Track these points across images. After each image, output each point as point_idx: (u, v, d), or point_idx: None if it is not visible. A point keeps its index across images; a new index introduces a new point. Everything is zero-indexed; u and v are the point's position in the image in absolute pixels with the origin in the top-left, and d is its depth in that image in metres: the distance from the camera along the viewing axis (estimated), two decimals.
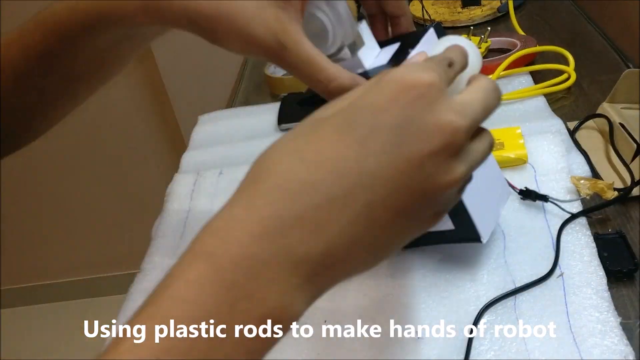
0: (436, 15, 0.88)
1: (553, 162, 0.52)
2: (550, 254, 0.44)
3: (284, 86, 0.79)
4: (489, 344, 0.39)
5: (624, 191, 0.47)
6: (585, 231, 0.45)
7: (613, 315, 0.39)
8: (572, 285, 0.42)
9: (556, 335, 0.38)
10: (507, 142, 0.54)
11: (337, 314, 0.43)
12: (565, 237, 0.45)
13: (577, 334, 0.38)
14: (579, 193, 0.48)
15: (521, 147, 0.53)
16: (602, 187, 0.46)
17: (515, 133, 0.55)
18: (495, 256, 0.45)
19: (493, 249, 0.46)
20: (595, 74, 0.67)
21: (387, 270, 0.46)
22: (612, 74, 0.63)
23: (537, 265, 0.44)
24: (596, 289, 0.41)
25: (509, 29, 0.80)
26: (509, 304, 0.41)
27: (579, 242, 0.45)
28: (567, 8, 0.85)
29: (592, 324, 0.39)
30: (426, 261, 0.46)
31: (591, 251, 0.44)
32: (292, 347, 0.42)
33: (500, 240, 0.47)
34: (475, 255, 0.46)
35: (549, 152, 0.53)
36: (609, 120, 0.55)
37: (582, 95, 0.65)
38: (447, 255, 0.46)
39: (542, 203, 0.48)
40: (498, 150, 0.54)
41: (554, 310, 0.40)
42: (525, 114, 0.62)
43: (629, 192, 0.47)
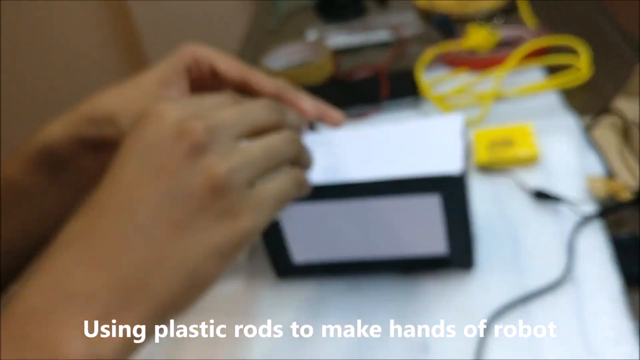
0: (444, 7, 0.86)
1: (566, 161, 0.51)
2: (563, 258, 0.42)
3: None
4: (499, 349, 0.38)
5: (639, 193, 0.45)
6: (599, 234, 0.44)
7: (628, 321, 0.37)
8: (585, 290, 0.40)
9: (568, 341, 0.37)
10: (518, 140, 0.52)
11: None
12: (578, 240, 0.44)
13: (590, 340, 0.37)
14: (593, 194, 0.46)
15: (533, 145, 0.51)
16: (618, 188, 0.44)
17: (527, 130, 0.53)
18: (506, 259, 0.44)
19: (504, 252, 0.44)
20: (609, 68, 0.65)
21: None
22: (626, 68, 0.61)
23: (550, 268, 0.42)
24: (610, 293, 0.39)
25: (519, 21, 0.78)
26: (520, 310, 0.40)
27: (593, 245, 0.43)
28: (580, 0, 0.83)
29: (605, 330, 0.37)
30: None
31: (606, 255, 0.42)
32: (292, 348, 0.41)
33: (511, 243, 0.45)
34: (485, 259, 0.44)
35: (562, 150, 0.52)
36: (623, 117, 0.53)
37: (596, 90, 0.63)
38: None
39: (554, 204, 0.47)
40: (509, 148, 0.52)
41: (567, 316, 0.39)
42: (537, 110, 0.60)
43: None
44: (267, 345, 0.42)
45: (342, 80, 0.72)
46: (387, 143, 0.41)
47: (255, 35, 0.99)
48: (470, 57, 0.70)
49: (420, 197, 0.38)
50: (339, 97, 0.69)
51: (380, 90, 0.67)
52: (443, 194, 0.38)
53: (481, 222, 0.47)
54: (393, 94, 0.67)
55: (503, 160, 0.52)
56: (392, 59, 0.78)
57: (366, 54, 0.83)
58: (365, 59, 0.81)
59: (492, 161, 0.52)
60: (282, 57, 0.83)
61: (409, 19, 0.87)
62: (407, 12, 0.89)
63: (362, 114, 0.67)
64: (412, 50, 0.79)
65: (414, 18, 0.87)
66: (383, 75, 0.68)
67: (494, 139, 0.53)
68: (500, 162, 0.52)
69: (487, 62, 0.68)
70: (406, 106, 0.66)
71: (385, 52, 0.81)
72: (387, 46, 0.83)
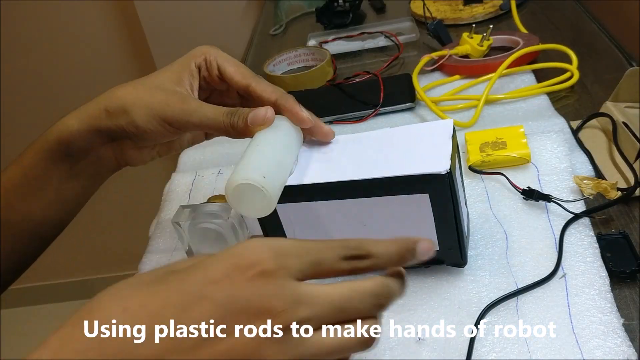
0: (438, 13, 0.88)
1: (556, 161, 0.52)
2: (553, 255, 0.44)
3: (283, 84, 0.78)
4: (490, 345, 0.39)
5: (627, 191, 0.46)
6: (588, 231, 0.45)
7: (616, 317, 0.38)
8: (574, 286, 0.41)
9: (558, 336, 0.38)
10: (509, 141, 0.53)
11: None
12: (568, 238, 0.45)
13: (580, 335, 0.38)
14: (582, 193, 0.47)
15: (524, 146, 0.53)
16: (606, 187, 0.46)
17: (518, 132, 0.54)
18: (497, 257, 0.45)
19: (495, 250, 0.45)
20: (598, 72, 0.67)
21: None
22: (615, 72, 0.62)
23: (540, 265, 0.43)
24: (599, 289, 0.40)
25: (511, 27, 0.80)
26: (511, 305, 0.41)
27: (581, 242, 0.44)
28: (570, 6, 0.84)
29: (594, 325, 0.38)
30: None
31: (594, 252, 0.43)
32: None
33: (502, 241, 0.46)
34: (477, 255, 0.45)
35: (552, 151, 0.53)
36: (612, 119, 0.54)
37: (585, 94, 0.64)
38: None
39: (545, 203, 0.48)
40: (501, 150, 0.53)
41: (556, 311, 0.40)
42: (528, 113, 0.62)
43: (632, 192, 0.46)
44: None
45: (341, 85, 0.74)
46: (380, 146, 0.43)
47: (258, 40, 1.01)
48: (463, 62, 0.72)
49: (411, 195, 0.40)
50: (338, 101, 0.71)
51: (377, 95, 0.68)
52: (432, 193, 0.39)
53: (473, 220, 0.48)
54: (390, 98, 0.68)
55: (496, 161, 0.53)
56: (388, 64, 0.80)
57: (364, 59, 0.84)
58: (362, 64, 0.83)
59: (485, 162, 0.53)
60: (284, 62, 0.85)
61: (405, 26, 0.89)
62: (403, 18, 0.90)
63: (360, 117, 0.68)
64: (408, 56, 0.81)
65: (410, 24, 0.89)
66: (380, 79, 0.70)
67: (486, 141, 0.54)
68: (493, 163, 0.53)
69: (480, 67, 0.70)
70: (402, 110, 0.68)
71: (382, 57, 0.83)
72: (384, 51, 0.85)
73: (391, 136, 0.43)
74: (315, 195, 0.41)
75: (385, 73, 0.77)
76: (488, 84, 0.64)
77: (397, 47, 0.83)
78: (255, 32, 1.05)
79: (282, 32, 1.01)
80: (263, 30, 1.04)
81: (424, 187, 0.39)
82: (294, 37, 0.97)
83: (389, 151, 0.42)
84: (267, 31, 1.02)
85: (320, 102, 0.71)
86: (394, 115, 0.67)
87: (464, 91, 0.69)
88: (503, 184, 0.51)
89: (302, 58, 0.85)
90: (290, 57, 0.85)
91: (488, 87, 0.64)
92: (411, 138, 0.42)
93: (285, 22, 1.03)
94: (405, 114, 0.67)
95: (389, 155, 0.41)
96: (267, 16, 1.10)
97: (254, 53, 0.96)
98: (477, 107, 0.62)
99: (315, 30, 0.95)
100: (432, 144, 0.41)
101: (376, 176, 0.40)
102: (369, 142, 0.43)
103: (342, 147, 0.44)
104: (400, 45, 0.83)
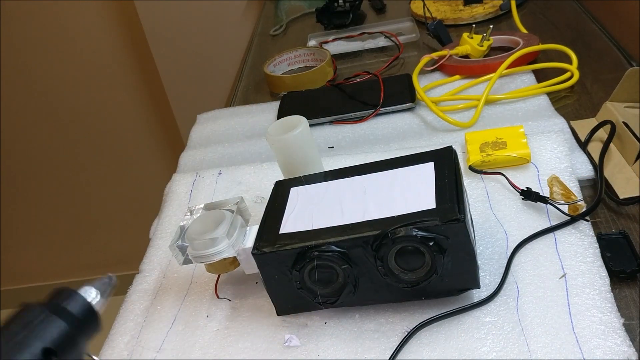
0: (438, 13, 0.88)
1: (556, 161, 0.52)
2: (553, 254, 0.44)
3: (283, 85, 0.78)
4: (491, 344, 0.39)
5: (589, 210, 0.46)
6: (588, 231, 0.45)
7: (616, 316, 0.38)
8: (574, 286, 0.41)
9: (558, 336, 0.38)
10: (510, 141, 0.53)
11: (338, 313, 0.43)
12: (568, 238, 0.45)
13: (580, 335, 0.38)
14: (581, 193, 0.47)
15: (524, 146, 0.53)
16: (574, 205, 0.46)
17: (518, 132, 0.54)
18: (497, 257, 0.45)
19: (495, 250, 0.45)
20: (598, 72, 0.67)
21: None
22: (615, 72, 0.62)
23: (540, 265, 0.43)
24: (599, 289, 0.40)
25: (511, 27, 0.80)
26: (511, 305, 0.41)
27: (582, 242, 0.44)
28: (569, 6, 0.84)
29: (595, 325, 0.38)
30: None
31: (594, 252, 0.43)
32: (292, 348, 0.42)
33: (502, 241, 0.46)
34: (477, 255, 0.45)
35: (552, 151, 0.53)
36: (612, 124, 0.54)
37: (585, 94, 0.64)
38: None
39: (544, 204, 0.48)
40: (501, 150, 0.53)
41: (557, 311, 0.40)
42: (528, 113, 0.62)
43: (592, 209, 0.46)
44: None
45: (341, 85, 0.74)
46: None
47: (258, 40, 1.01)
48: (463, 63, 0.72)
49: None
50: (338, 101, 0.71)
51: (378, 95, 0.68)
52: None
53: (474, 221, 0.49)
54: (390, 98, 0.68)
55: (496, 161, 0.53)
56: (388, 64, 0.80)
57: (364, 59, 0.84)
58: (363, 64, 0.83)
59: (485, 162, 0.53)
60: (284, 62, 0.85)
61: (405, 26, 0.89)
62: (403, 19, 0.91)
63: (360, 117, 0.68)
64: (408, 56, 0.81)
65: (410, 25, 0.89)
66: (380, 80, 0.70)
67: (486, 141, 0.55)
68: (493, 163, 0.53)
69: (480, 67, 0.70)
70: (402, 110, 0.68)
71: (382, 57, 0.83)
72: (384, 52, 0.85)
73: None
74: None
75: (386, 73, 0.78)
76: (488, 84, 0.64)
77: (397, 47, 0.83)
78: (255, 32, 1.05)
79: (282, 32, 1.01)
80: (263, 30, 1.04)
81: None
82: (294, 37, 0.98)
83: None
84: (267, 31, 1.02)
85: (320, 103, 0.71)
86: (394, 115, 0.68)
87: (464, 91, 0.69)
88: (503, 184, 0.51)
89: (303, 58, 0.85)
90: (291, 58, 0.85)
91: (488, 87, 0.64)
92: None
93: (286, 23, 1.03)
94: (406, 114, 0.67)
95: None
96: (267, 16, 1.10)
97: (254, 53, 0.96)
98: (477, 107, 0.63)
99: (316, 30, 0.95)
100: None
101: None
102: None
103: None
104: (400, 46, 0.83)
